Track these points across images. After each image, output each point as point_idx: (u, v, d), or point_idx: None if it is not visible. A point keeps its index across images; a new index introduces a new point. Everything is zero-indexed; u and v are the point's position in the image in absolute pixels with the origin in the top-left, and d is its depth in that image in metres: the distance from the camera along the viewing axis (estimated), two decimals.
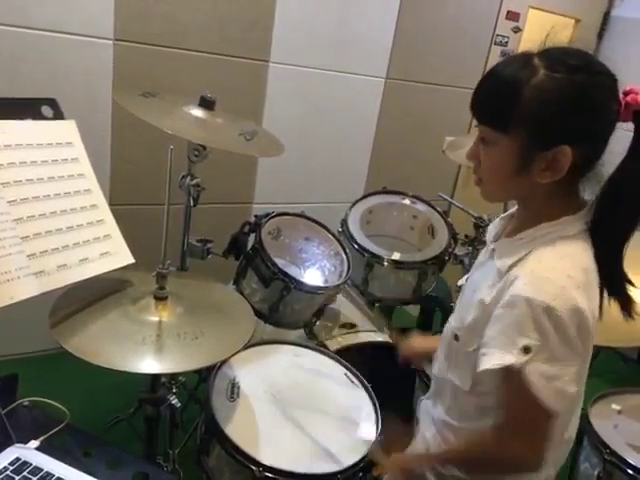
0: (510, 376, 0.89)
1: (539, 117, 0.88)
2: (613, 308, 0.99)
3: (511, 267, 0.95)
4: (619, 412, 1.53)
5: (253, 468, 1.13)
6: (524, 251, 0.95)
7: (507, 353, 0.88)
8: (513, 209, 1.09)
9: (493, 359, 0.90)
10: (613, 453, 1.34)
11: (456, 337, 1.04)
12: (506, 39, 2.97)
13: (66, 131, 1.19)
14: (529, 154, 0.91)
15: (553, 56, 0.90)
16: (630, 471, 1.31)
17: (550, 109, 0.88)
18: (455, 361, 1.06)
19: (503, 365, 0.88)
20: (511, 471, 0.99)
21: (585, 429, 1.45)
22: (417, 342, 1.32)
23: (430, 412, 1.16)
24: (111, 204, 2.16)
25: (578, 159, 0.89)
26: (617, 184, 0.92)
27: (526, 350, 0.87)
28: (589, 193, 0.97)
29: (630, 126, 0.91)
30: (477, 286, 1.02)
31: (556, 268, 0.89)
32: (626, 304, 0.97)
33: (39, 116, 1.18)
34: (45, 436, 0.94)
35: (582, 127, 0.88)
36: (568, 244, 0.93)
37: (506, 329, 0.89)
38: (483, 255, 1.11)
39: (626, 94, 0.90)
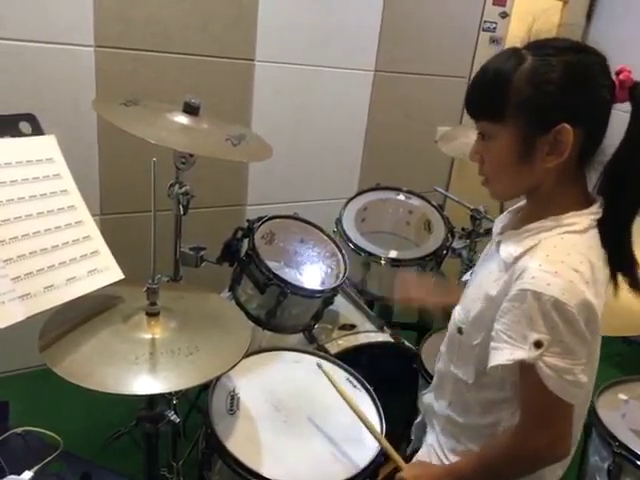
0: (524, 371, 0.89)
1: (533, 99, 0.88)
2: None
3: (517, 259, 0.93)
4: (626, 401, 1.51)
5: None
6: (531, 243, 0.93)
7: (518, 348, 0.87)
8: (520, 203, 1.08)
9: (505, 354, 0.89)
10: (622, 446, 1.32)
11: (460, 330, 1.04)
12: (494, 25, 2.92)
13: (46, 147, 1.15)
14: (530, 140, 0.90)
15: (539, 43, 0.91)
16: None
17: (543, 89, 0.87)
18: (458, 354, 1.05)
19: (515, 360, 0.87)
20: (540, 465, 0.98)
21: (593, 421, 1.43)
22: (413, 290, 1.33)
23: (433, 406, 1.15)
24: (102, 214, 2.17)
25: (579, 139, 0.89)
26: (620, 160, 0.91)
27: (537, 345, 0.86)
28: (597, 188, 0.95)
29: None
30: (483, 279, 1.01)
31: (564, 262, 0.87)
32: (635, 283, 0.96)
33: (17, 133, 1.14)
34: (39, 465, 0.91)
35: (577, 103, 0.88)
36: (576, 239, 0.91)
37: (516, 324, 0.88)
38: (488, 248, 1.10)
39: (618, 73, 0.90)
